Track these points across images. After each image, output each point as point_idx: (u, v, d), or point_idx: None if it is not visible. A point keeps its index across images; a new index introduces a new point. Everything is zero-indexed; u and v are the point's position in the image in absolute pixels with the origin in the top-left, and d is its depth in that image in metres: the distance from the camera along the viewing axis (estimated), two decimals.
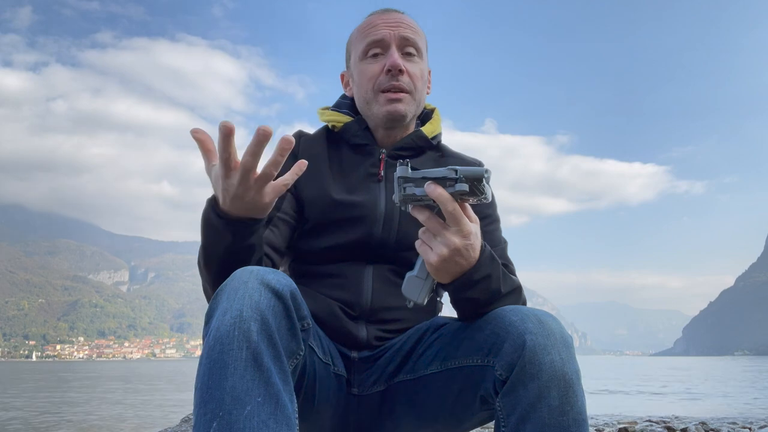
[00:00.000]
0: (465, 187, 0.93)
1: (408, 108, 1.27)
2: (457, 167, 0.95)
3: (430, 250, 0.99)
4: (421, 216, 0.99)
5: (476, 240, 1.00)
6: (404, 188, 0.97)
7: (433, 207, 0.99)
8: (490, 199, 0.97)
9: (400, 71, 1.24)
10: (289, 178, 1.00)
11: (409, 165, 0.98)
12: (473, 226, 0.99)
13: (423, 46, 1.31)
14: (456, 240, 0.97)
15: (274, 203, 1.03)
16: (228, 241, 1.03)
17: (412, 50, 1.28)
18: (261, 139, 0.93)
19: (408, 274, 1.04)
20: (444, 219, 0.97)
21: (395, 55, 1.25)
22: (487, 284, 1.03)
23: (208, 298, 1.09)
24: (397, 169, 0.98)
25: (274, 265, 1.20)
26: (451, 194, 0.94)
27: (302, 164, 1.00)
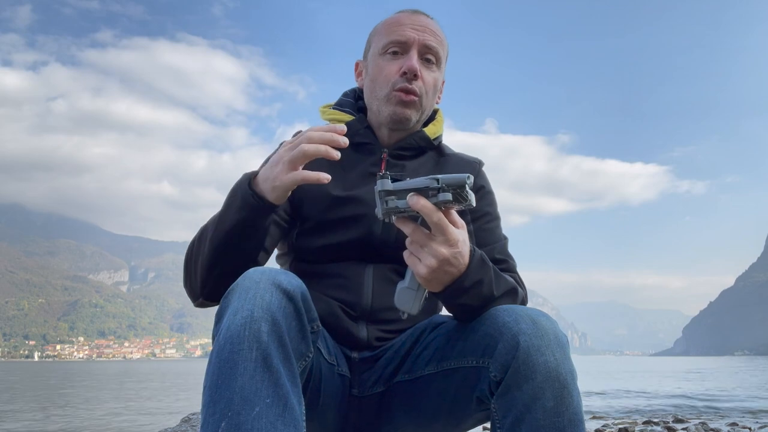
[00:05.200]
0: (448, 196, 0.92)
1: (414, 114, 1.27)
2: (439, 176, 0.93)
3: (419, 261, 0.98)
4: (406, 228, 0.98)
5: (464, 246, 0.99)
6: (386, 201, 0.96)
7: (416, 217, 0.98)
8: (474, 205, 0.96)
9: (416, 75, 1.24)
10: (313, 176, 1.00)
11: (390, 177, 0.96)
12: (460, 233, 0.98)
13: (443, 56, 1.31)
14: (443, 250, 0.96)
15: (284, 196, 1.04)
16: (243, 211, 1.05)
17: (431, 58, 1.28)
18: (340, 131, 1.00)
19: (399, 286, 1.04)
20: (429, 229, 0.96)
21: (414, 59, 1.25)
22: (479, 289, 1.03)
23: (189, 270, 1.14)
24: (377, 182, 0.96)
25: (258, 264, 1.18)
26: (435, 204, 0.93)
27: (324, 176, 1.00)
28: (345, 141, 1.00)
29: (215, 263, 1.09)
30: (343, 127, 1.00)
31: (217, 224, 1.08)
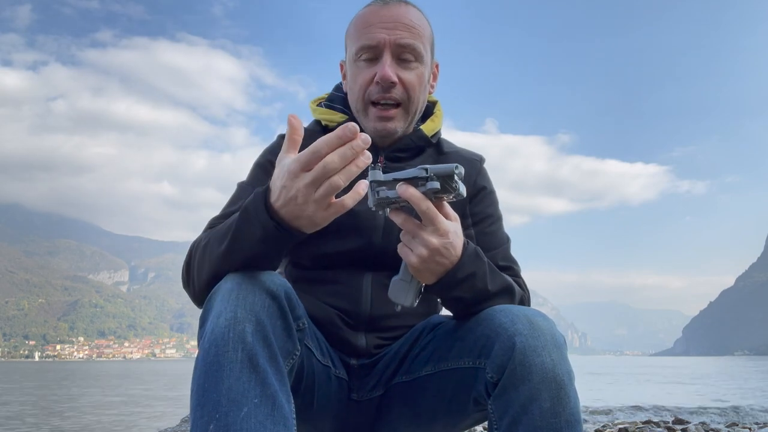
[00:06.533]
0: (436, 184, 0.93)
1: (399, 125, 1.21)
2: (428, 166, 0.94)
3: (410, 252, 0.98)
4: (397, 219, 0.98)
5: (455, 238, 0.99)
6: (377, 192, 0.96)
7: (410, 209, 0.98)
8: (465, 195, 0.96)
9: (392, 83, 1.17)
10: (350, 200, 0.89)
11: (380, 168, 0.98)
12: (451, 224, 0.98)
13: (423, 48, 1.20)
14: (433, 239, 0.96)
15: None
16: (264, 243, 0.94)
17: (409, 56, 1.18)
18: (350, 136, 0.84)
19: (393, 279, 1.05)
20: (420, 220, 0.96)
21: (386, 66, 1.16)
22: (471, 282, 1.02)
23: (187, 282, 1.07)
24: (369, 173, 0.96)
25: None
26: (424, 193, 0.94)
27: (362, 185, 0.89)
28: (366, 140, 0.86)
29: (219, 279, 0.99)
30: (354, 127, 0.85)
31: (230, 252, 0.97)
